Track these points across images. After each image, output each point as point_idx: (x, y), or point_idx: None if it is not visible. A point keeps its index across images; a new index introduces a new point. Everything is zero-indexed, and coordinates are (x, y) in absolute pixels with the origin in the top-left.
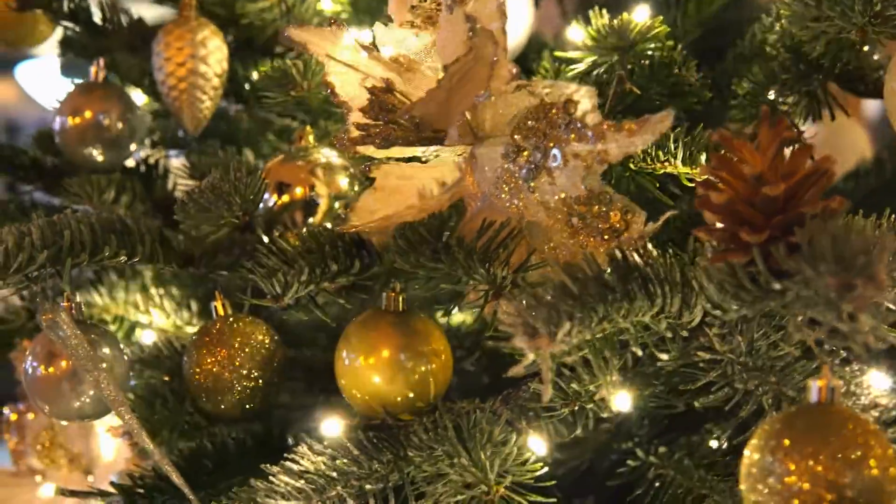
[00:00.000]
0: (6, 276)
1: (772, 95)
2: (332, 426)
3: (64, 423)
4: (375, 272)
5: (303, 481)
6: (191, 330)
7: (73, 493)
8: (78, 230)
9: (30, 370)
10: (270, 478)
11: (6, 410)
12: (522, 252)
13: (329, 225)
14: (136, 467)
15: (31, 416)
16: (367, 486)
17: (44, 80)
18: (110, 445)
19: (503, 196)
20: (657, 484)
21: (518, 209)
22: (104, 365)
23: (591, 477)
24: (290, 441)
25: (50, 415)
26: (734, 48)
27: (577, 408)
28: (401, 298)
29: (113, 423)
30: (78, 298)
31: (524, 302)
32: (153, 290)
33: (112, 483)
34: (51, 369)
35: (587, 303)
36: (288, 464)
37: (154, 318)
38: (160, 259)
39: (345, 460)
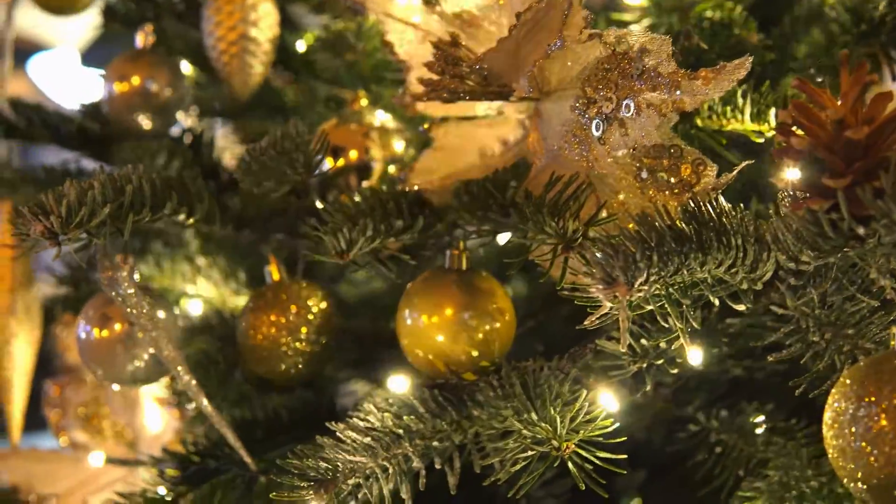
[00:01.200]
0: (68, 230)
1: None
2: (398, 384)
3: (116, 387)
4: (437, 231)
5: (369, 438)
6: (238, 300)
7: (124, 462)
8: (139, 186)
9: (83, 334)
10: (337, 434)
11: (48, 385)
12: (592, 206)
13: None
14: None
15: (73, 389)
16: (434, 444)
17: (57, 74)
18: (157, 417)
19: (574, 149)
20: (718, 450)
21: (588, 162)
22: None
23: (644, 449)
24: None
25: (103, 378)
26: (791, 11)
27: (645, 365)
28: (464, 257)
29: (160, 394)
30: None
31: (600, 251)
32: (200, 260)
33: (164, 449)
34: (105, 332)
35: (664, 252)
36: (354, 420)
37: (201, 287)
38: (216, 220)
39: (411, 417)
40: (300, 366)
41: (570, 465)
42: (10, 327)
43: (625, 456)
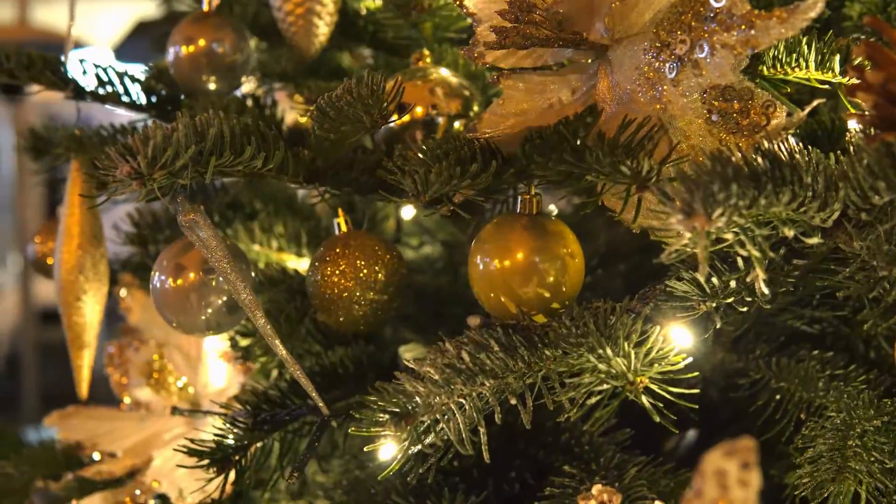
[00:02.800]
0: (154, 171)
1: None
2: (474, 322)
3: (189, 335)
4: (509, 177)
5: (446, 375)
6: (300, 261)
7: (193, 412)
8: (220, 131)
9: (157, 284)
10: (416, 370)
11: (109, 346)
12: (664, 147)
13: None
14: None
15: (134, 349)
16: (510, 380)
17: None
18: (220, 373)
19: (646, 92)
20: (777, 397)
21: (660, 105)
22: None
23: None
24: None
25: (177, 327)
26: None
27: (714, 305)
28: (535, 201)
29: (224, 349)
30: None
31: (677, 184)
32: (262, 223)
33: (235, 397)
34: (179, 282)
35: (740, 185)
36: (431, 356)
37: (263, 249)
38: (289, 169)
39: (486, 355)
40: (370, 313)
41: (643, 399)
42: (78, 283)
43: (697, 391)
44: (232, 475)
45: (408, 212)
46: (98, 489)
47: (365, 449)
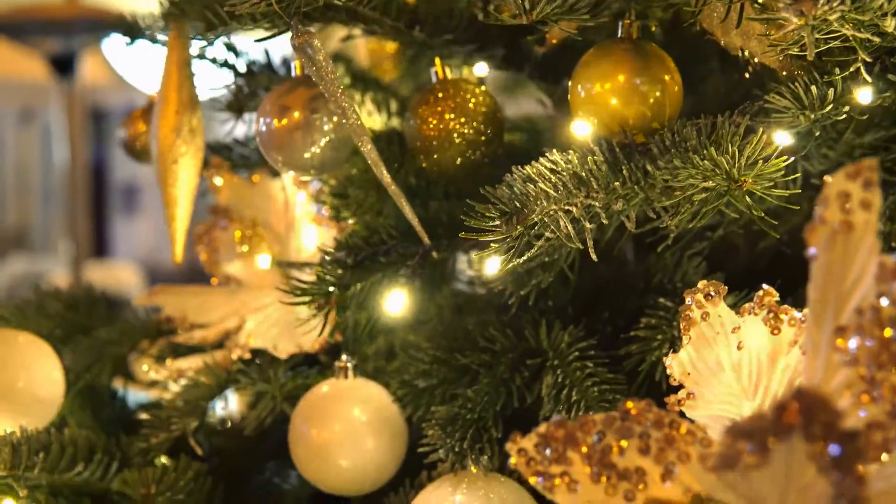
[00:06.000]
0: None
1: None
2: (581, 129)
3: (292, 173)
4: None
5: (555, 178)
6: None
7: (291, 265)
8: None
9: (263, 127)
10: (526, 169)
11: (198, 226)
12: None
13: None
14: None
15: (222, 227)
16: (615, 184)
17: (131, 53)
18: (312, 238)
19: None
20: None
21: None
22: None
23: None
24: None
25: (283, 166)
26: None
27: (813, 117)
28: (635, 27)
29: (315, 213)
30: None
31: None
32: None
33: (335, 239)
34: (284, 121)
35: None
36: (541, 160)
37: None
38: (393, 10)
39: (594, 160)
40: (468, 154)
41: (747, 199)
42: (176, 147)
43: (799, 191)
44: (329, 326)
45: None
46: (193, 353)
47: (473, 255)
